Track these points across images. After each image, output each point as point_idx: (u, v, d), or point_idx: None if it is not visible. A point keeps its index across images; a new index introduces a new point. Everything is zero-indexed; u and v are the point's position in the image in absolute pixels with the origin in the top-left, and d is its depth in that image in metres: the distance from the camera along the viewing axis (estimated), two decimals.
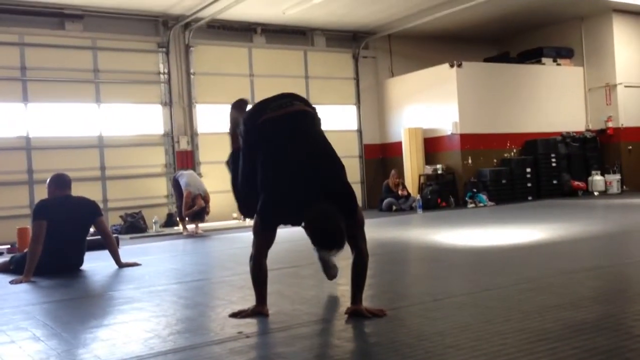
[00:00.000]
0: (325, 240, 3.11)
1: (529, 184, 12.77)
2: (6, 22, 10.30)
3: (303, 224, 3.18)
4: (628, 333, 2.67)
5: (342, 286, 3.93)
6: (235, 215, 11.46)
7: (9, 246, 8.00)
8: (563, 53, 14.20)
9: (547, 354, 2.39)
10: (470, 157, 12.75)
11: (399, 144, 13.48)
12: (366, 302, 3.39)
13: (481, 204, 11.90)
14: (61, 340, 3.07)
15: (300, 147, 3.34)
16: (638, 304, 3.39)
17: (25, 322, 3.56)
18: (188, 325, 3.24)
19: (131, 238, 9.33)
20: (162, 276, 5.22)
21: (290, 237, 7.38)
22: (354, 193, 3.42)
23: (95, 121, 11.11)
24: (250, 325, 3.17)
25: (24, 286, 5.00)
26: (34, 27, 10.55)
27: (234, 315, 3.36)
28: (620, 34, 13.77)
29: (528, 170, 12.80)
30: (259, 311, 3.35)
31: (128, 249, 7.72)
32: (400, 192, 12.24)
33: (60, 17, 10.78)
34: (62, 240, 5.47)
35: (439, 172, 12.73)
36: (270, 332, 3.04)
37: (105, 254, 5.90)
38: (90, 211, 5.70)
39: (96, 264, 5.99)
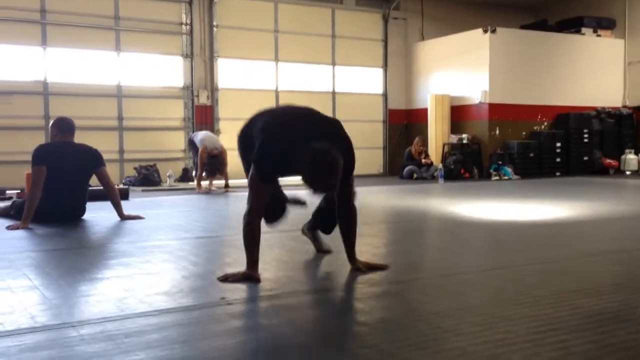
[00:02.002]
0: (322, 175, 2.86)
1: (558, 159, 12.29)
2: None
3: (301, 157, 2.92)
4: None
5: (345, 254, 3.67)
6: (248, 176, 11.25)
7: (18, 191, 7.90)
8: (604, 24, 13.50)
9: (556, 347, 2.09)
10: (497, 128, 12.28)
11: (425, 111, 13.05)
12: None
13: (506, 177, 11.49)
14: (33, 294, 2.87)
15: (304, 114, 3.32)
16: None
17: (4, 270, 3.38)
18: (170, 287, 3.01)
19: (143, 191, 9.19)
20: (162, 231, 5.02)
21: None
22: (353, 150, 3.21)
23: (114, 70, 10.89)
24: (236, 291, 2.93)
25: (19, 233, 4.85)
26: None
27: (223, 279, 3.13)
28: None
29: (558, 144, 12.30)
30: (249, 276, 3.12)
31: (138, 202, 7.57)
32: (422, 160, 11.88)
33: None
34: (62, 187, 5.30)
35: (464, 141, 12.30)
36: (255, 300, 2.80)
37: (109, 205, 5.72)
38: (92, 160, 5.50)
39: (98, 214, 5.82)
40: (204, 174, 9.15)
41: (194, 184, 9.60)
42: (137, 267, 3.48)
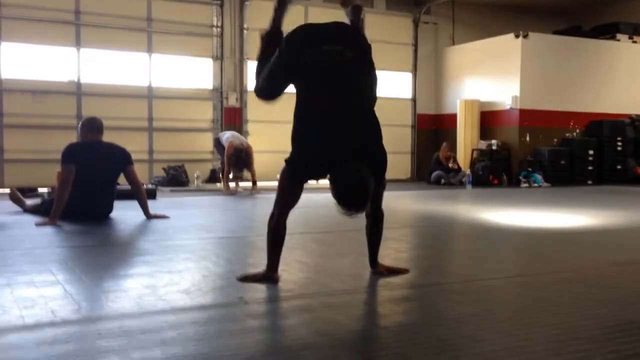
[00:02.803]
0: (351, 200, 2.85)
1: (590, 167, 12.05)
2: None
3: (329, 176, 2.96)
4: None
5: (367, 257, 3.64)
6: (278, 176, 11.26)
7: (50, 189, 8.05)
8: None
9: (577, 356, 2.04)
10: (528, 134, 12.10)
11: (454, 116, 12.93)
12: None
13: (535, 184, 11.31)
14: (55, 289, 2.91)
15: (344, 102, 3.08)
16: None
17: (28, 265, 3.44)
18: (189, 285, 3.03)
19: (171, 191, 9.28)
20: (186, 231, 5.06)
21: (322, 202, 7.12)
22: (387, 158, 3.15)
23: (145, 71, 11.04)
24: (255, 290, 2.93)
25: (47, 229, 4.93)
26: None
27: (242, 279, 3.14)
28: None
29: (590, 152, 12.06)
30: (268, 277, 3.12)
31: (165, 201, 7.65)
32: (450, 165, 11.77)
33: None
34: (91, 185, 5.37)
35: (494, 147, 12.15)
36: (273, 301, 2.79)
37: (136, 204, 5.78)
38: (120, 158, 5.57)
39: (125, 213, 5.89)
40: (230, 171, 9.18)
41: (221, 185, 9.67)
42: (158, 265, 3.51)
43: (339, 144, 2.98)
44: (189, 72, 11.50)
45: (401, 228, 5.60)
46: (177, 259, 3.74)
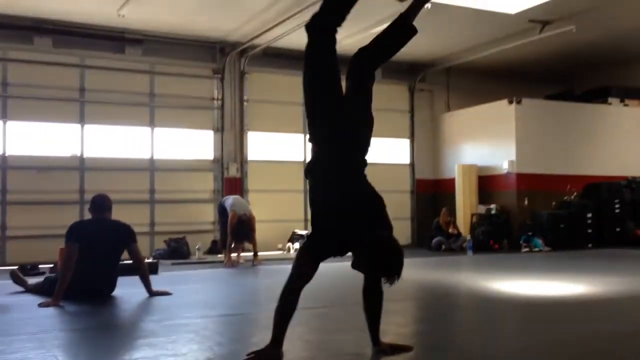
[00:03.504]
0: (389, 266, 3.01)
1: (590, 230, 12.07)
2: (69, 44, 10.60)
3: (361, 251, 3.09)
4: None
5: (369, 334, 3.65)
6: (280, 245, 11.32)
7: (51, 265, 8.07)
8: (631, 93, 13.53)
9: None
10: (526, 198, 12.20)
11: (452, 181, 13.07)
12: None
13: (536, 249, 11.32)
14: None
15: (355, 156, 3.31)
16: None
17: (34, 351, 3.44)
18: None
19: (173, 264, 9.28)
20: (189, 308, 5.06)
21: (327, 273, 7.10)
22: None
23: (147, 144, 11.25)
24: None
25: (50, 310, 4.93)
26: (95, 50, 10.81)
27: (249, 356, 3.14)
28: None
29: (589, 215, 12.11)
30: (274, 355, 3.12)
31: (167, 275, 7.64)
32: (450, 231, 11.82)
33: (121, 41, 11.03)
34: (94, 263, 5.40)
35: (493, 212, 12.22)
36: None
37: (138, 279, 5.80)
38: (124, 236, 5.63)
39: (128, 290, 5.89)
40: (232, 242, 9.17)
41: (223, 256, 9.65)
42: (163, 348, 3.51)
43: (361, 216, 3.14)
44: (190, 143, 11.71)
45: (403, 300, 5.59)
46: (181, 340, 3.74)
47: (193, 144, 11.76)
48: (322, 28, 3.31)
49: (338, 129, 3.27)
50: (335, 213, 3.14)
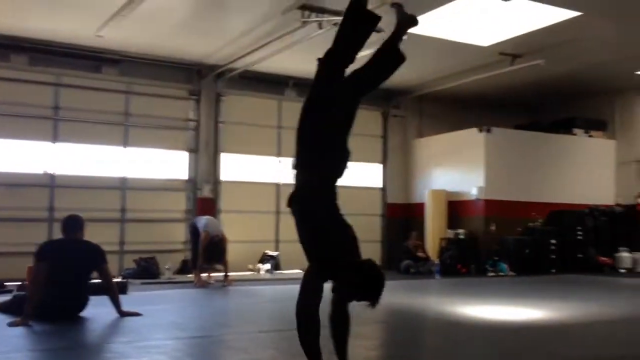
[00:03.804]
0: (378, 290, 3.16)
1: (553, 256, 12.39)
2: (45, 62, 10.61)
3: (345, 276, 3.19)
4: None
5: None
6: (250, 266, 11.38)
7: (19, 283, 7.99)
8: (595, 124, 14.01)
9: None
10: (493, 224, 12.49)
11: (422, 205, 13.32)
12: None
13: (502, 273, 11.58)
14: None
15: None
16: None
17: None
18: None
19: (142, 283, 9.26)
20: (160, 329, 5.12)
21: (295, 295, 7.20)
22: None
23: (120, 163, 11.26)
24: None
25: (19, 330, 4.94)
26: (71, 69, 10.83)
27: None
28: None
29: (552, 241, 12.45)
30: None
31: (136, 295, 7.64)
32: (419, 254, 12.03)
33: (98, 61, 11.06)
34: (63, 283, 5.42)
35: (461, 236, 12.47)
36: None
37: (108, 299, 5.83)
38: (94, 257, 5.67)
39: (98, 310, 5.91)
40: (203, 262, 9.21)
41: (193, 276, 9.66)
42: None
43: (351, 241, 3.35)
44: (163, 163, 11.74)
45: (371, 324, 5.73)
46: None
47: (167, 164, 11.80)
48: (343, 67, 3.48)
49: (342, 164, 3.49)
50: (341, 243, 3.29)
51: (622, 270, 12.51)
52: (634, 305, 7.53)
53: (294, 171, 3.50)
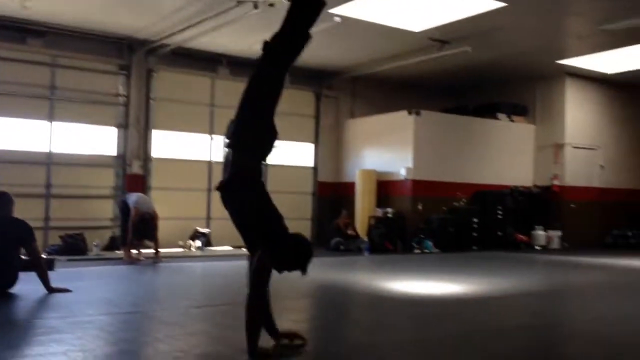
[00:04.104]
0: (308, 258, 3.47)
1: (475, 234, 13.01)
2: None
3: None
4: None
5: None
6: (181, 243, 11.35)
7: None
8: (517, 110, 14.68)
9: None
10: (420, 203, 12.96)
11: (353, 184, 13.62)
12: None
13: (427, 251, 12.06)
14: None
15: None
16: None
17: None
18: None
19: (69, 260, 9.08)
20: (91, 305, 5.12)
21: (229, 271, 7.38)
22: None
23: (45, 138, 10.91)
24: None
25: None
26: None
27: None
28: (572, 97, 14.35)
29: (475, 220, 13.05)
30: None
31: (63, 272, 7.50)
32: (349, 232, 12.34)
33: (23, 32, 10.62)
34: None
35: (389, 215, 12.87)
36: None
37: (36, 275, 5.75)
38: (22, 234, 5.58)
39: (26, 287, 5.82)
40: (133, 242, 9.15)
41: (122, 253, 9.58)
42: (70, 344, 3.62)
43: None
44: (91, 139, 11.46)
45: (300, 299, 5.94)
46: (87, 337, 3.85)
47: (95, 139, 11.53)
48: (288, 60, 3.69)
49: (272, 145, 3.66)
50: (280, 218, 3.50)
51: (538, 248, 13.30)
52: (546, 279, 8.09)
53: (226, 150, 3.59)
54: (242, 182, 3.47)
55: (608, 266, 9.84)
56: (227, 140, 3.60)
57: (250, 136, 3.54)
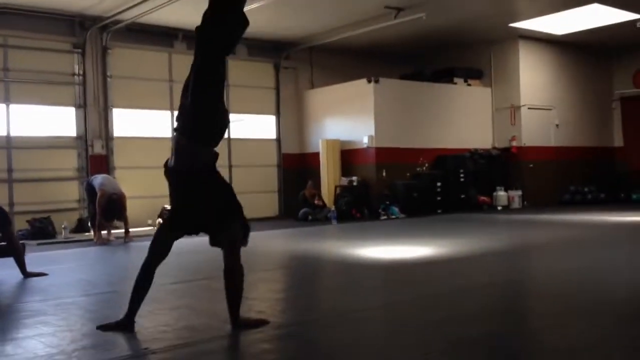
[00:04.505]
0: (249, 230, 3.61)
1: (439, 198, 13.35)
2: None
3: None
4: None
5: (253, 300, 4.07)
6: (150, 221, 11.35)
7: None
8: (473, 74, 14.97)
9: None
10: (384, 170, 13.20)
11: (317, 155, 13.76)
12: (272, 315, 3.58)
13: (393, 216, 12.35)
14: None
15: None
16: (514, 323, 3.75)
17: None
18: (94, 341, 3.29)
19: (39, 244, 9.04)
20: (70, 287, 5.18)
21: (202, 248, 7.40)
22: None
23: (2, 121, 10.68)
24: (156, 340, 3.26)
25: None
26: None
27: (103, 327, 3.47)
28: (526, 59, 14.69)
29: (438, 184, 13.38)
30: (126, 324, 3.47)
31: (35, 256, 7.48)
32: (316, 202, 12.52)
33: None
34: None
35: (354, 183, 13.09)
36: (177, 348, 3.14)
37: (11, 261, 5.75)
38: None
39: (2, 272, 5.83)
40: (101, 223, 9.14)
41: (91, 234, 9.56)
42: (56, 325, 3.69)
43: None
44: (50, 120, 11.27)
45: (275, 269, 6.10)
46: (72, 317, 3.93)
47: (54, 120, 11.34)
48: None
49: (224, 128, 3.84)
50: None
51: (499, 208, 13.75)
52: (508, 238, 8.43)
53: (176, 135, 3.62)
54: (204, 168, 3.59)
55: (566, 222, 10.27)
56: (177, 127, 3.62)
57: (204, 125, 3.58)
